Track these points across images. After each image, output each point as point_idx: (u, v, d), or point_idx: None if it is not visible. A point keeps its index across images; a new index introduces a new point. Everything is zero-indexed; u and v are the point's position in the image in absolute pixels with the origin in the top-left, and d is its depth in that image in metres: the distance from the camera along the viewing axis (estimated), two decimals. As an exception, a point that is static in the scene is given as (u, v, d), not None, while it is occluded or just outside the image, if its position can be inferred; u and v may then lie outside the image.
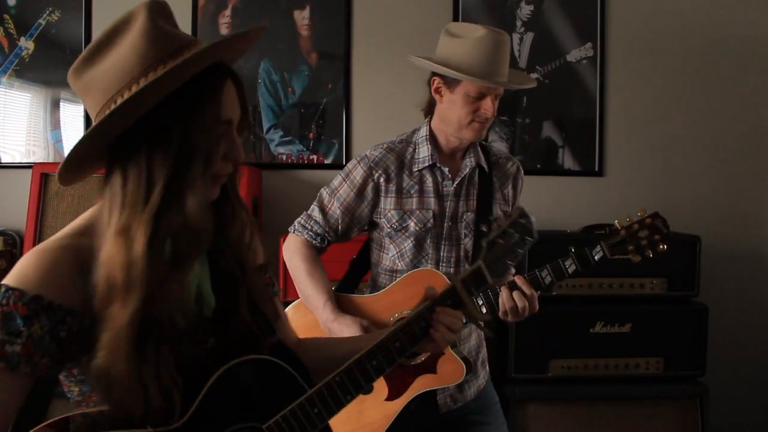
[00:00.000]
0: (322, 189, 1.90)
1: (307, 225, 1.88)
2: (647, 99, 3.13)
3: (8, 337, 0.91)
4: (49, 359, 0.94)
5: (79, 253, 0.97)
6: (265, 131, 3.05)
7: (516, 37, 3.08)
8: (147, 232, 0.95)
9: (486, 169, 1.89)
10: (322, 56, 3.05)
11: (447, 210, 1.85)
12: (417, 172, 1.85)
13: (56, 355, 0.95)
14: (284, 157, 3.05)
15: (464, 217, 1.86)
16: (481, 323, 1.29)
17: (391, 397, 1.74)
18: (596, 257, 1.71)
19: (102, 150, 1.00)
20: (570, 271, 1.72)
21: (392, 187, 1.84)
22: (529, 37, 3.09)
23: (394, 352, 1.22)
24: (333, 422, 1.33)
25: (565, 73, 3.10)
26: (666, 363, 2.63)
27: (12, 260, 2.78)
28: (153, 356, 0.96)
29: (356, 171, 1.85)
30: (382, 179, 1.83)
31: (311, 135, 3.06)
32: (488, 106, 1.77)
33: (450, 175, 1.86)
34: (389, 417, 1.74)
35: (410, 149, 1.87)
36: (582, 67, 3.10)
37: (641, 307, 2.65)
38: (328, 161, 3.05)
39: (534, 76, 3.08)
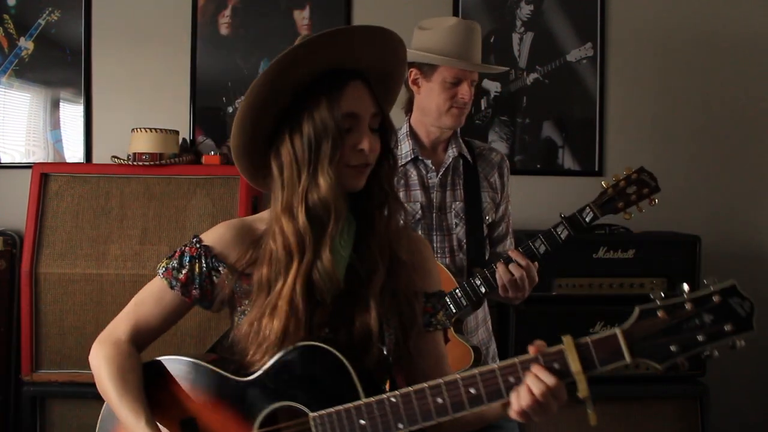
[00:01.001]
0: None
1: None
2: (647, 99, 3.13)
3: (178, 266, 1.26)
4: (199, 291, 1.26)
5: (252, 230, 1.28)
6: (265, 131, 3.05)
7: (516, 37, 3.08)
8: (304, 205, 1.16)
9: (470, 160, 1.92)
10: (322, 56, 3.05)
11: (434, 201, 1.87)
12: (401, 168, 1.88)
13: (207, 291, 1.26)
14: (284, 157, 3.05)
15: (453, 206, 1.88)
16: (590, 404, 1.00)
17: None
18: (587, 219, 1.74)
19: (260, 146, 1.22)
20: (563, 236, 1.74)
21: None
22: (529, 37, 3.09)
23: (465, 399, 1.03)
24: None
25: (565, 73, 3.10)
26: (666, 363, 2.62)
27: (12, 260, 2.78)
28: (308, 315, 1.16)
29: None
30: None
31: (311, 135, 3.06)
32: (465, 91, 1.82)
33: (433, 167, 1.89)
34: None
35: None
36: (582, 67, 3.10)
37: (641, 307, 2.64)
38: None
39: (534, 76, 3.09)
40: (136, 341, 1.28)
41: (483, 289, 1.77)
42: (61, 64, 3.00)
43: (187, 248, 1.27)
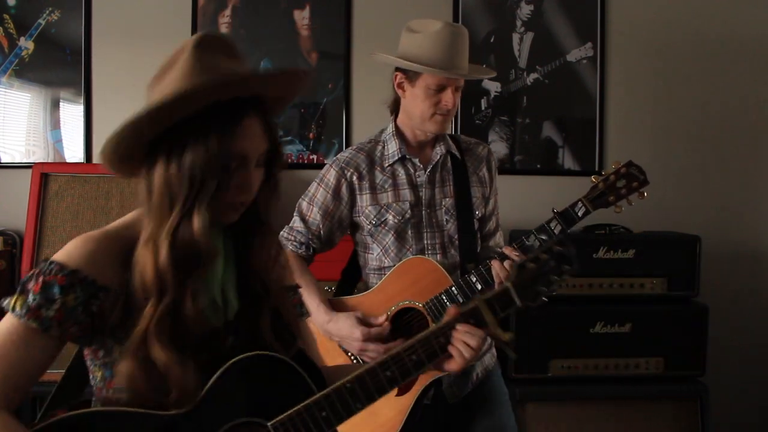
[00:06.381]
0: (300, 200, 1.92)
1: (290, 236, 1.90)
2: (647, 99, 3.13)
3: (45, 302, 1.01)
4: (78, 328, 1.04)
5: (121, 242, 1.09)
6: (265, 131, 3.05)
7: (516, 37, 3.08)
8: (168, 243, 1.04)
9: (458, 156, 1.92)
10: (322, 56, 3.05)
11: (423, 198, 1.87)
12: (388, 167, 1.89)
13: (86, 326, 1.05)
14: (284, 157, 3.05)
15: (443, 203, 1.88)
16: (505, 342, 1.29)
17: (401, 391, 1.74)
18: (579, 213, 1.78)
19: (138, 151, 1.08)
20: (556, 231, 1.76)
21: (366, 184, 1.87)
22: (529, 37, 3.09)
23: (410, 365, 1.20)
24: (349, 426, 1.32)
25: (565, 73, 3.10)
26: (666, 363, 2.63)
27: (12, 260, 2.78)
28: (177, 354, 1.04)
29: (329, 174, 1.88)
30: (354, 177, 1.87)
31: (311, 135, 3.06)
32: (449, 98, 1.80)
33: (421, 165, 1.89)
34: (403, 412, 1.73)
35: (379, 147, 1.92)
36: (582, 67, 3.10)
37: (641, 307, 2.65)
38: (328, 161, 3.05)
39: (534, 76, 3.09)
40: (8, 406, 1.03)
41: (479, 286, 1.77)
42: (61, 64, 2.99)
43: (48, 277, 1.02)
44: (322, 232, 1.88)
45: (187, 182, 1.04)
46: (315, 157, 3.06)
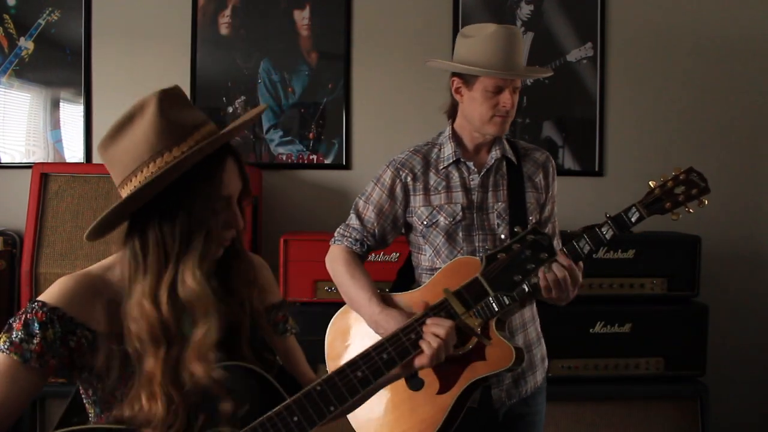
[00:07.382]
0: (357, 198, 1.96)
1: (345, 233, 1.93)
2: (647, 99, 3.13)
3: (26, 337, 1.10)
4: (58, 361, 1.12)
5: (103, 283, 1.16)
6: (265, 131, 3.05)
7: (516, 37, 3.08)
8: (168, 295, 1.11)
9: (514, 161, 1.93)
10: (322, 56, 3.05)
11: (475, 201, 1.88)
12: (443, 170, 1.91)
13: (66, 360, 1.13)
14: (284, 157, 3.05)
15: (495, 207, 1.89)
16: (479, 333, 1.31)
17: (442, 390, 1.74)
18: (633, 219, 1.71)
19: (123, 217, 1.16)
20: (608, 236, 1.72)
21: (419, 185, 1.90)
22: (529, 37, 3.09)
23: (381, 364, 1.20)
24: (388, 421, 1.31)
25: (565, 73, 3.10)
26: (666, 363, 2.63)
27: (12, 260, 2.78)
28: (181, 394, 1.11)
29: (385, 174, 1.92)
30: (409, 178, 1.90)
31: (311, 135, 3.06)
32: (507, 99, 1.82)
33: (476, 169, 1.90)
34: (443, 410, 1.72)
35: (435, 150, 1.94)
36: (582, 67, 3.10)
37: (641, 307, 2.65)
38: (328, 161, 3.05)
39: (534, 76, 3.09)
40: None
41: (525, 288, 1.76)
42: (61, 64, 3.00)
43: (30, 315, 1.11)
44: (376, 230, 1.91)
45: (179, 235, 1.11)
46: (315, 157, 3.06)
